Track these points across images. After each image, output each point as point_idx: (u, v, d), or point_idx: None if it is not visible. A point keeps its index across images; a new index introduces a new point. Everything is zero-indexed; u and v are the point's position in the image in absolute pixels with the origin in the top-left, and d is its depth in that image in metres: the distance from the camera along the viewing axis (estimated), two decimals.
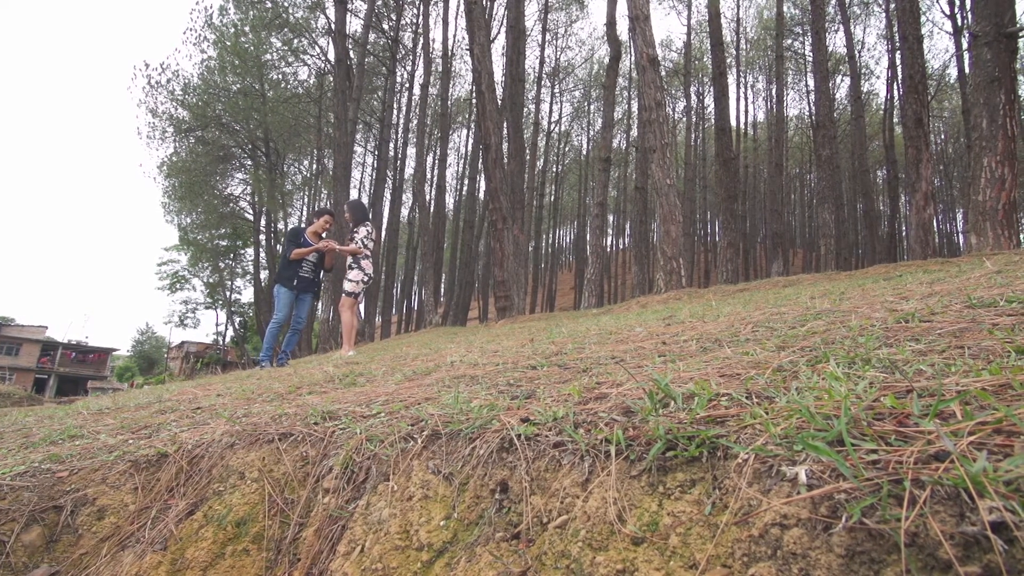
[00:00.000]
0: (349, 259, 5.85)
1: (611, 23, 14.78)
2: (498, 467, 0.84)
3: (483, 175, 15.69)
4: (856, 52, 33.32)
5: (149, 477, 1.31)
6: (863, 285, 3.82)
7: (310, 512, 1.09)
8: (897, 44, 21.41)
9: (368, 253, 5.92)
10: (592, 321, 4.72)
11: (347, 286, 5.84)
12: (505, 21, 18.71)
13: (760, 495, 0.52)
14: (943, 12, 24.33)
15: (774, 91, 29.91)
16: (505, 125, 15.01)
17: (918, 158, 12.08)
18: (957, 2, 22.72)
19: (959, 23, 22.42)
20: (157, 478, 1.30)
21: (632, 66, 26.88)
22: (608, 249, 45.52)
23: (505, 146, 14.68)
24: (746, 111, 41.91)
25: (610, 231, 48.84)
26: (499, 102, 13.45)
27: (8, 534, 1.14)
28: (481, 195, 28.50)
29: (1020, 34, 8.89)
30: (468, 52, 14.07)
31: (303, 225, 6.03)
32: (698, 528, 0.57)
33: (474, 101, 15.62)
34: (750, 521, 0.51)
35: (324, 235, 5.96)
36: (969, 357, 0.84)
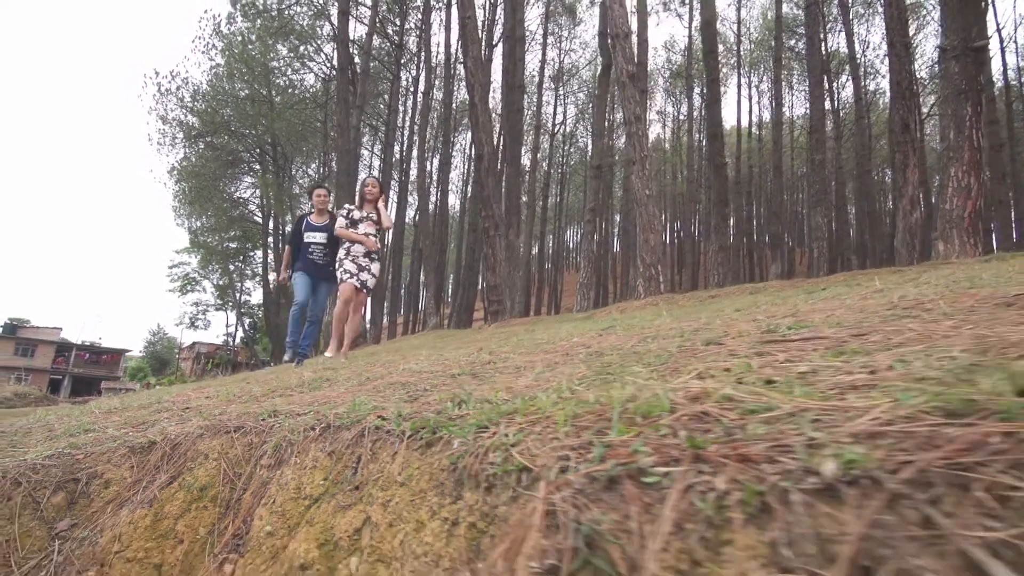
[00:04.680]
0: (364, 249, 5.36)
1: (603, 34, 15.22)
2: (357, 447, 1.30)
3: (477, 183, 16.16)
4: (861, 52, 33.43)
5: (142, 458, 1.78)
6: (791, 297, 4.25)
7: (251, 480, 1.56)
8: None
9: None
10: (555, 329, 5.18)
11: (370, 281, 5.42)
12: (501, 30, 19.23)
13: (444, 452, 0.98)
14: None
15: (773, 94, 30.20)
16: (503, 131, 15.49)
17: (905, 163, 12.35)
18: None
19: None
20: (148, 459, 1.77)
21: None
22: (615, 250, 45.75)
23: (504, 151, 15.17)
24: (749, 112, 42.09)
25: (616, 231, 49.18)
26: (491, 113, 13.91)
27: (42, 497, 1.62)
28: None
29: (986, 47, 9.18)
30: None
31: (308, 211, 5.87)
32: (432, 471, 1.02)
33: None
34: (435, 458, 0.97)
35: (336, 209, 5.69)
36: (652, 372, 1.29)
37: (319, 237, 5.58)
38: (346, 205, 5.48)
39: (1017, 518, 0.42)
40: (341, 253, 5.34)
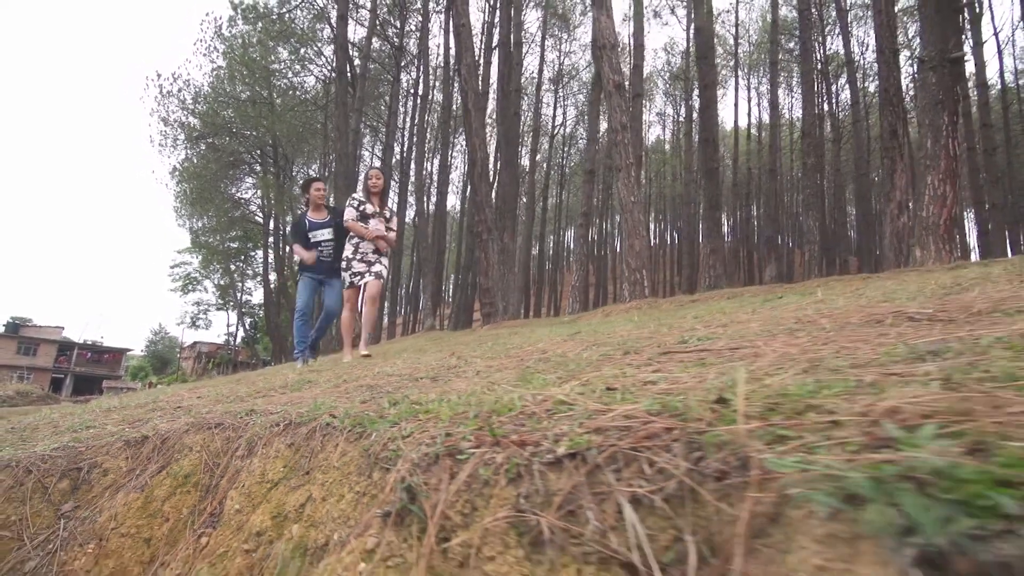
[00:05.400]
0: (374, 246, 5.11)
1: (595, 42, 15.48)
2: (311, 440, 1.58)
3: (470, 187, 16.43)
4: (859, 55, 33.60)
5: (136, 451, 2.06)
6: (749, 305, 4.51)
7: (227, 469, 1.84)
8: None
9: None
10: (534, 332, 5.45)
11: (384, 271, 5.18)
12: (498, 36, 19.50)
13: (366, 442, 1.26)
14: None
15: (769, 97, 30.47)
16: (500, 136, 15.76)
17: (893, 168, 12.58)
18: None
19: None
20: (141, 451, 2.05)
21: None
22: (616, 250, 45.92)
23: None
24: (748, 113, 42.30)
25: (616, 231, 49.45)
26: (486, 118, 14.18)
27: (50, 483, 1.90)
28: None
29: (965, 59, 9.42)
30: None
31: (303, 208, 5.59)
32: (357, 458, 1.30)
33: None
34: (359, 447, 1.25)
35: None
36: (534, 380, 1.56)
37: (326, 233, 5.36)
38: (354, 196, 5.18)
39: (659, 480, 0.69)
40: (349, 251, 5.07)
